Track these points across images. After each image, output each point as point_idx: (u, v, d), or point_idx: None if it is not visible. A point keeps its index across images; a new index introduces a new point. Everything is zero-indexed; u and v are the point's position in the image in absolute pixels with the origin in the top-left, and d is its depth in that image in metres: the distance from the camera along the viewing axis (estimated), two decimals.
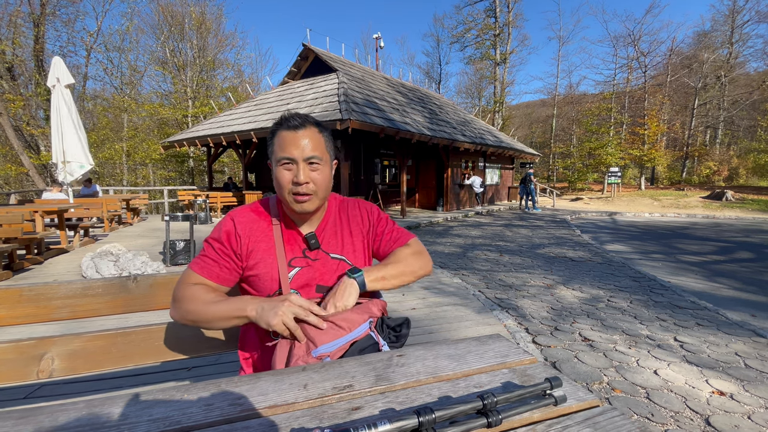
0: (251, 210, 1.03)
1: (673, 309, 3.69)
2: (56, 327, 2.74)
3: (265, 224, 1.01)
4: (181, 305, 0.91)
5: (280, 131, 0.95)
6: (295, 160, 0.93)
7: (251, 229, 0.99)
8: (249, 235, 0.99)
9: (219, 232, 0.98)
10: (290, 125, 0.95)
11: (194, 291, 0.91)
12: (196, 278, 0.95)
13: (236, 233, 0.98)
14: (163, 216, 5.79)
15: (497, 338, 0.83)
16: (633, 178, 30.65)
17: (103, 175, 21.75)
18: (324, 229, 1.05)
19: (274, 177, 0.97)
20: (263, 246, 0.98)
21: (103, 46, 21.02)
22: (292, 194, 0.94)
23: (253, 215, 1.02)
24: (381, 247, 1.09)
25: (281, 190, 0.95)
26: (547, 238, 8.25)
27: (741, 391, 2.22)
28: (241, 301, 0.86)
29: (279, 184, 0.95)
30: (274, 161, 0.97)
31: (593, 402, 0.59)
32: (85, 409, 0.55)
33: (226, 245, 0.97)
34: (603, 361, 2.59)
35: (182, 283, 0.95)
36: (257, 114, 11.46)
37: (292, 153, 0.92)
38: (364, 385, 0.63)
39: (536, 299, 3.99)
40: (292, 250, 1.00)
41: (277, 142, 0.95)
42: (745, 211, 14.88)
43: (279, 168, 0.94)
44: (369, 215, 1.12)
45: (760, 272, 5.47)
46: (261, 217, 1.02)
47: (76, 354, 1.03)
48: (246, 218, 1.00)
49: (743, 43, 30.00)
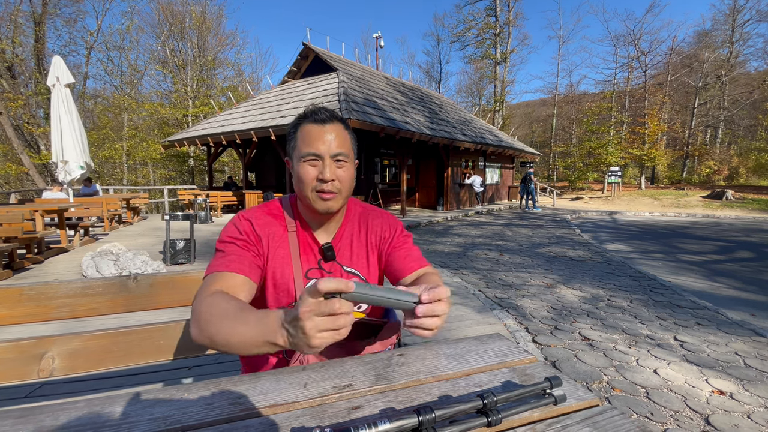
0: (266, 212, 0.95)
1: (673, 308, 3.69)
2: (56, 326, 2.74)
3: (281, 229, 0.94)
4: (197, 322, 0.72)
5: (304, 125, 0.89)
6: (322, 156, 0.86)
7: (270, 232, 0.92)
8: (269, 237, 0.91)
9: (235, 231, 0.89)
10: (317, 119, 0.89)
11: (214, 301, 0.73)
12: (216, 281, 0.80)
13: (255, 233, 0.90)
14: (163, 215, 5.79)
15: (497, 337, 0.83)
16: (633, 178, 30.64)
17: (103, 174, 21.77)
18: (341, 238, 0.99)
19: (296, 173, 0.89)
20: (281, 253, 0.92)
21: (104, 45, 21.05)
22: (316, 191, 0.87)
23: (269, 218, 0.94)
24: (394, 260, 0.98)
25: (304, 187, 0.88)
26: (548, 238, 8.25)
27: (741, 391, 2.22)
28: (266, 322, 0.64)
29: (302, 180, 0.88)
30: (295, 156, 0.89)
31: (593, 401, 0.59)
32: (86, 408, 0.55)
33: (250, 241, 0.88)
34: (603, 361, 2.59)
35: (200, 294, 0.78)
36: (257, 113, 11.46)
37: (318, 148, 0.86)
38: (364, 384, 0.63)
39: (536, 298, 3.99)
40: (308, 260, 0.94)
41: (300, 136, 0.89)
42: (745, 211, 14.88)
43: (303, 164, 0.87)
44: (390, 228, 1.03)
45: (760, 272, 5.47)
46: (277, 221, 0.95)
47: (77, 353, 1.03)
48: (263, 220, 0.93)
49: (744, 43, 30.03)
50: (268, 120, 10.31)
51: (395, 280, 0.97)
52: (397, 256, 0.98)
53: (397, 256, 0.98)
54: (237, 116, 12.09)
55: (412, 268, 0.96)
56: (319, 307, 0.55)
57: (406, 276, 0.95)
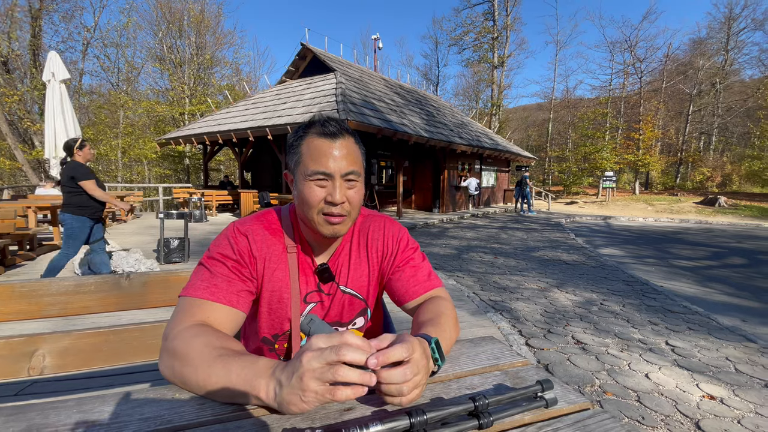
0: (264, 227, 0.85)
1: (665, 313, 3.72)
2: (48, 324, 2.72)
3: (280, 248, 0.84)
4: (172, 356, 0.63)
5: (311, 137, 0.78)
6: (332, 176, 0.76)
7: (268, 252, 0.83)
8: (265, 258, 0.82)
9: (230, 248, 0.79)
10: (326, 132, 0.77)
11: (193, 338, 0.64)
12: (198, 311, 0.71)
13: (252, 254, 0.81)
14: (158, 213, 5.76)
15: (490, 340, 0.84)
16: (628, 183, 30.89)
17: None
18: (339, 255, 0.90)
19: (300, 192, 0.79)
20: (279, 275, 0.83)
21: (101, 41, 20.88)
22: (322, 214, 0.78)
23: (267, 234, 0.84)
24: (398, 281, 0.89)
25: (309, 210, 0.78)
26: (542, 241, 8.29)
27: (731, 396, 2.24)
28: (250, 369, 0.56)
29: (306, 201, 0.77)
30: (300, 173, 0.79)
31: (584, 405, 0.60)
32: (76, 407, 0.54)
33: (243, 262, 0.79)
34: (595, 364, 2.60)
35: (176, 324, 0.68)
36: (254, 113, 11.43)
37: (328, 167, 0.75)
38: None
39: (530, 302, 4.00)
40: (307, 283, 0.86)
41: (306, 150, 0.77)
42: (737, 217, 15.03)
43: (309, 183, 0.77)
44: (393, 241, 0.92)
45: (751, 278, 5.53)
46: (276, 238, 0.85)
47: (67, 351, 1.02)
48: (261, 237, 0.83)
49: (738, 51, 30.41)
50: (265, 119, 10.29)
51: (398, 304, 0.90)
52: (400, 277, 0.88)
53: (400, 277, 0.88)
54: (234, 115, 12.05)
55: (416, 293, 0.87)
56: (323, 354, 0.48)
57: (410, 301, 0.87)
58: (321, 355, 0.49)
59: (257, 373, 0.55)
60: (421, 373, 0.54)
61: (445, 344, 0.70)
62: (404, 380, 0.51)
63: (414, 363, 0.53)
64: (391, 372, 0.51)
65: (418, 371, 0.53)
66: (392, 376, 0.51)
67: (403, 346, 0.52)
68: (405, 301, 0.88)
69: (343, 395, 0.48)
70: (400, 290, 0.88)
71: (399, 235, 0.93)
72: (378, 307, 0.99)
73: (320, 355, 0.49)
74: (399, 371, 0.51)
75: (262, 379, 0.54)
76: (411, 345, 0.53)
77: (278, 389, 0.52)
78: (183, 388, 0.61)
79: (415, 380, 0.52)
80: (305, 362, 0.49)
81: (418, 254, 0.93)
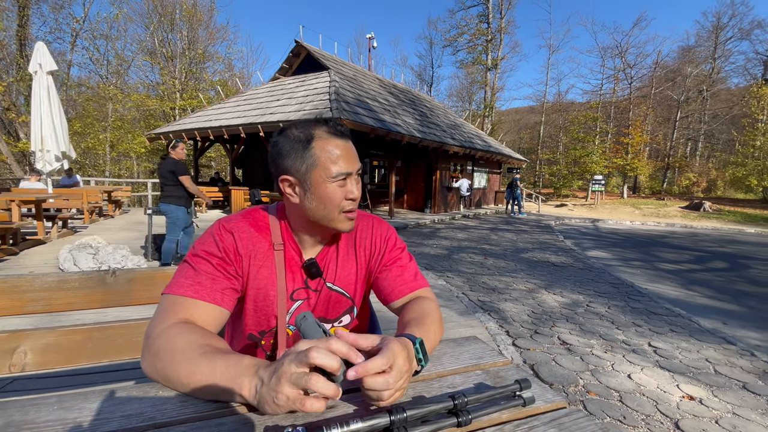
0: (250, 224, 0.84)
1: (648, 315, 3.79)
2: (31, 320, 2.67)
3: (266, 245, 0.84)
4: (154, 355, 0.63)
5: (323, 139, 0.78)
6: (351, 174, 0.80)
7: (254, 250, 0.82)
8: (251, 256, 0.82)
9: (215, 245, 0.79)
10: (339, 132, 0.80)
11: (176, 336, 0.64)
12: (181, 309, 0.71)
13: (237, 251, 0.80)
14: (146, 209, 5.68)
15: (473, 340, 0.85)
16: (616, 187, 31.35)
17: (85, 165, 21.21)
18: (327, 251, 0.90)
19: (321, 195, 0.79)
20: (264, 273, 0.83)
21: (90, 33, 20.50)
22: (343, 212, 0.80)
23: (253, 231, 0.84)
24: (384, 280, 0.90)
25: (332, 210, 0.79)
26: (531, 243, 8.38)
27: (710, 397, 2.30)
28: (235, 367, 0.57)
29: (331, 202, 0.79)
30: (319, 177, 0.78)
31: (560, 404, 0.61)
32: (57, 403, 0.54)
33: (228, 260, 0.79)
34: (579, 365, 2.65)
35: (159, 321, 0.69)
36: (246, 109, 11.34)
37: (348, 167, 0.79)
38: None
39: (518, 303, 4.05)
40: (294, 280, 0.86)
41: (323, 153, 0.78)
42: (721, 222, 15.36)
43: (332, 185, 0.78)
44: (381, 240, 0.93)
45: (733, 282, 5.66)
46: (262, 236, 0.84)
47: (50, 348, 1.01)
48: (247, 234, 0.82)
49: (725, 59, 31.09)
50: (257, 116, 10.22)
51: (384, 303, 0.91)
52: (387, 276, 0.90)
53: (387, 276, 0.90)
54: (225, 111, 11.94)
55: (402, 292, 0.88)
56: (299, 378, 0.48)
57: (396, 300, 0.88)
58: (296, 357, 0.49)
59: (242, 371, 0.55)
60: (402, 378, 0.55)
61: (429, 344, 0.71)
62: (386, 388, 0.52)
63: (396, 370, 0.54)
64: (374, 379, 0.52)
65: (400, 377, 0.54)
66: (375, 383, 0.52)
67: (384, 356, 0.53)
68: (391, 300, 0.89)
69: (312, 407, 0.47)
70: (386, 289, 0.89)
71: (387, 234, 0.94)
72: (365, 306, 0.99)
73: (296, 357, 0.50)
74: (381, 379, 0.52)
75: (246, 377, 0.54)
76: (393, 354, 0.54)
77: (259, 386, 0.53)
78: (166, 385, 0.61)
79: (396, 386, 0.54)
80: (285, 364, 0.50)
81: (405, 254, 0.94)
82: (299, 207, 0.82)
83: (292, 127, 0.82)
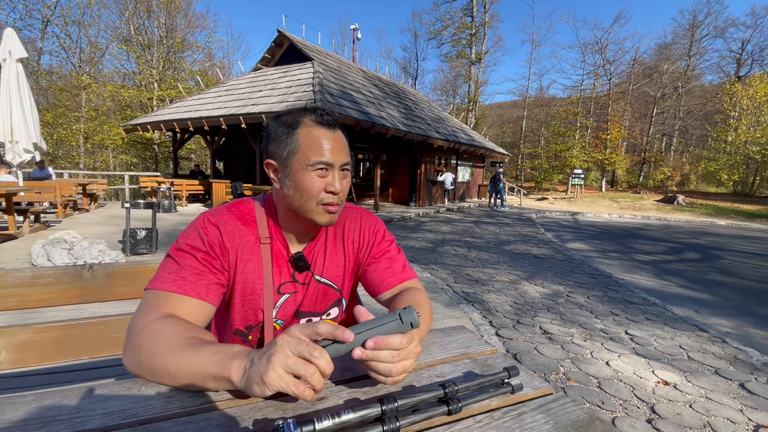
0: (236, 217, 0.82)
1: (625, 304, 3.92)
2: (3, 317, 2.57)
3: (252, 238, 0.82)
4: (138, 349, 0.61)
5: (308, 126, 0.78)
6: (333, 166, 0.78)
7: (240, 243, 0.80)
8: (237, 250, 0.80)
9: (200, 239, 0.76)
10: (325, 122, 0.79)
11: (161, 330, 0.62)
12: (165, 304, 0.69)
13: (223, 245, 0.78)
14: (123, 203, 5.52)
15: (461, 330, 0.86)
16: (595, 180, 32.11)
17: (58, 157, 20.38)
18: (315, 244, 0.89)
19: (297, 182, 0.78)
20: (251, 267, 0.81)
21: (61, 19, 19.58)
22: (322, 204, 0.78)
23: (239, 225, 0.82)
24: (373, 272, 0.89)
25: (308, 199, 0.78)
26: (513, 236, 8.52)
27: (684, 382, 2.39)
28: (225, 353, 0.55)
29: (307, 191, 0.77)
30: (297, 163, 0.77)
31: (547, 390, 0.62)
32: (35, 402, 0.52)
33: (213, 254, 0.76)
34: (560, 353, 2.72)
35: (141, 316, 0.66)
36: (228, 100, 11.08)
37: (330, 157, 0.77)
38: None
39: (501, 294, 4.12)
40: (281, 273, 0.85)
41: (305, 140, 0.77)
42: (694, 215, 15.95)
43: (309, 173, 0.77)
44: (370, 233, 0.92)
45: (704, 272, 5.90)
46: (248, 229, 0.83)
47: (25, 346, 0.97)
48: (233, 227, 0.80)
49: (700, 57, 32.09)
50: (238, 107, 10.00)
51: (373, 295, 0.90)
52: (376, 269, 0.89)
53: (376, 269, 0.89)
54: (206, 102, 11.64)
55: (391, 284, 0.88)
56: (299, 344, 0.50)
57: (385, 292, 0.87)
58: (302, 327, 0.52)
59: (233, 355, 0.54)
60: (411, 358, 0.57)
61: (420, 333, 0.72)
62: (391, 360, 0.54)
63: (409, 350, 0.56)
64: (378, 353, 0.54)
65: (409, 356, 0.56)
66: (379, 354, 0.54)
67: (405, 336, 0.56)
68: (380, 292, 0.88)
69: (301, 391, 0.48)
70: (375, 281, 0.88)
71: (375, 227, 0.94)
72: (353, 299, 0.99)
73: (296, 345, 0.50)
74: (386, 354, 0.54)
75: (236, 360, 0.53)
76: (411, 334, 0.57)
77: (248, 366, 0.52)
78: (150, 380, 0.59)
79: (407, 365, 0.56)
80: (279, 344, 0.50)
81: (393, 246, 0.94)
82: (281, 194, 0.82)
83: (285, 113, 0.82)
